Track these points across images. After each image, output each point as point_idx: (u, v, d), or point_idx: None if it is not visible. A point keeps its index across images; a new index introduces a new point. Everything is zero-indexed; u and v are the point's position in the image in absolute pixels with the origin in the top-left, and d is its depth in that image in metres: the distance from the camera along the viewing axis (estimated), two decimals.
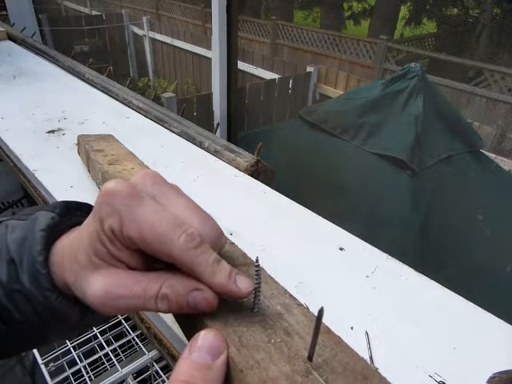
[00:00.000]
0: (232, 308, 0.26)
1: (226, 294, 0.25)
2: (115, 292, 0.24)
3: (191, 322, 0.27)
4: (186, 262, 0.24)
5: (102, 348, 0.96)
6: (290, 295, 0.28)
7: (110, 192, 0.24)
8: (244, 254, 0.31)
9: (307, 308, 0.26)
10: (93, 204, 0.33)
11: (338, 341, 0.24)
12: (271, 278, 0.29)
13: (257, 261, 0.26)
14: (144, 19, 7.55)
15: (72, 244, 0.27)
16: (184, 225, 0.24)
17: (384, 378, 0.21)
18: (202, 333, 0.23)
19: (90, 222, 0.26)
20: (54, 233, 0.29)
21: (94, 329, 0.97)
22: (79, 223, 0.30)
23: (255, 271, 0.25)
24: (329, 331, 0.25)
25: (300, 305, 0.27)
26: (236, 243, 0.34)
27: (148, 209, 0.24)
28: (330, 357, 0.22)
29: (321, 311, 0.21)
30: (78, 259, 0.25)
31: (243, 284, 0.25)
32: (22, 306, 0.28)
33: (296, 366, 0.21)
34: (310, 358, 0.22)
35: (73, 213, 0.32)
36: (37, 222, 0.29)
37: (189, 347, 0.22)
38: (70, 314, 0.28)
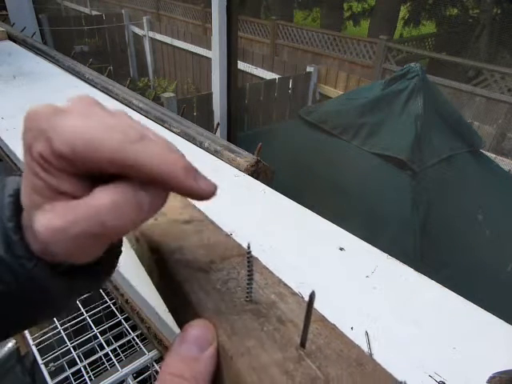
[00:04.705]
0: (224, 296, 0.25)
1: (186, 192, 0.22)
2: (54, 225, 0.21)
3: (183, 311, 0.27)
4: (129, 158, 0.21)
5: (102, 348, 0.96)
6: (285, 284, 0.27)
7: (30, 115, 0.22)
8: (239, 245, 0.31)
9: (302, 297, 0.26)
10: None
11: (332, 329, 0.24)
12: (266, 268, 0.29)
13: (248, 247, 0.25)
14: (144, 19, 7.55)
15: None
16: (118, 126, 0.22)
17: (379, 365, 0.21)
18: (191, 324, 0.23)
19: (23, 159, 0.23)
20: None
21: (94, 329, 0.97)
22: None
23: (247, 258, 0.25)
24: (323, 319, 0.24)
25: (294, 294, 0.26)
26: None
27: (75, 119, 0.22)
28: (323, 344, 0.22)
29: (312, 295, 0.21)
30: (23, 203, 0.23)
31: (204, 182, 0.23)
32: (3, 277, 0.25)
33: (288, 353, 0.21)
34: (302, 345, 0.22)
35: None
36: (5, 188, 0.27)
37: (178, 338, 0.22)
38: (52, 282, 0.26)
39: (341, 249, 0.55)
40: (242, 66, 5.62)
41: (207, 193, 0.23)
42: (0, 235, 0.25)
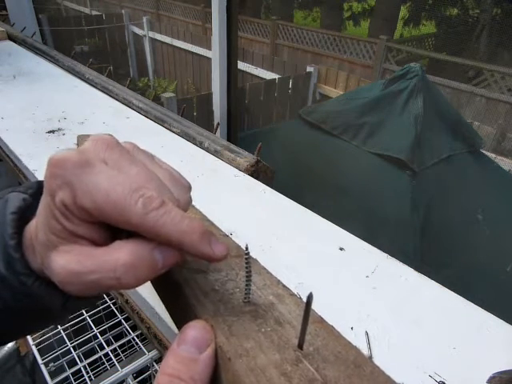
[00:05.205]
0: (223, 297, 0.26)
1: (199, 255, 0.23)
2: (71, 269, 0.22)
3: (181, 312, 0.27)
4: (149, 227, 0.22)
5: (102, 348, 0.96)
6: (284, 286, 0.27)
7: (57, 162, 0.23)
8: (238, 246, 0.31)
9: (300, 298, 0.26)
10: None
11: (330, 330, 0.24)
12: (264, 269, 0.29)
13: (246, 248, 0.25)
14: (144, 19, 7.55)
15: (35, 224, 0.25)
16: (141, 189, 0.22)
17: (377, 367, 0.21)
18: (190, 325, 0.23)
19: (43, 199, 0.24)
20: (26, 215, 0.27)
21: (94, 329, 0.97)
22: None
23: (245, 259, 0.25)
24: (321, 321, 0.24)
25: (293, 295, 0.26)
26: None
27: (101, 176, 0.22)
28: (321, 346, 0.22)
29: (310, 297, 0.21)
30: (38, 238, 0.24)
31: (218, 247, 0.23)
32: (1, 294, 0.26)
33: (286, 354, 0.21)
34: (300, 347, 0.22)
35: None
36: (8, 204, 0.27)
37: (177, 339, 0.22)
38: (50, 298, 0.27)
39: (341, 249, 0.55)
40: (242, 65, 5.62)
41: (219, 257, 0.24)
42: (1, 253, 0.26)
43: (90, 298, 0.29)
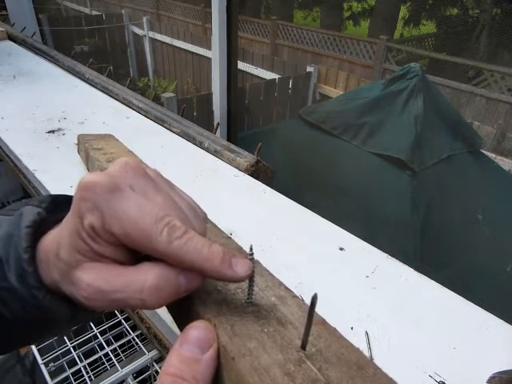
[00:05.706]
0: (226, 298, 0.26)
1: (222, 279, 0.24)
2: (97, 287, 0.23)
3: (184, 311, 0.27)
4: (173, 254, 0.23)
5: (102, 348, 0.96)
6: (286, 287, 0.28)
7: (88, 186, 0.23)
8: (239, 248, 0.31)
9: (302, 300, 0.26)
10: None
11: (333, 332, 0.24)
12: (266, 270, 0.29)
13: (251, 249, 0.25)
14: (144, 19, 7.54)
15: (54, 240, 0.26)
16: (166, 217, 0.23)
17: (379, 368, 0.21)
18: (192, 325, 0.23)
19: (69, 219, 0.25)
20: (40, 229, 0.28)
21: (94, 329, 0.97)
22: None
23: (249, 260, 0.25)
24: (324, 322, 0.24)
25: (295, 297, 0.27)
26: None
27: (130, 203, 0.23)
28: (324, 347, 0.22)
29: (314, 298, 0.21)
30: (61, 256, 0.25)
31: (240, 267, 0.24)
32: (10, 304, 0.27)
33: (289, 354, 0.21)
34: (303, 347, 0.22)
35: (60, 207, 0.30)
36: (22, 217, 0.28)
37: (179, 339, 0.22)
38: (60, 311, 0.27)
39: (341, 249, 0.55)
40: (242, 65, 5.62)
41: (242, 277, 0.24)
42: (14, 265, 0.26)
43: (97, 312, 0.29)
